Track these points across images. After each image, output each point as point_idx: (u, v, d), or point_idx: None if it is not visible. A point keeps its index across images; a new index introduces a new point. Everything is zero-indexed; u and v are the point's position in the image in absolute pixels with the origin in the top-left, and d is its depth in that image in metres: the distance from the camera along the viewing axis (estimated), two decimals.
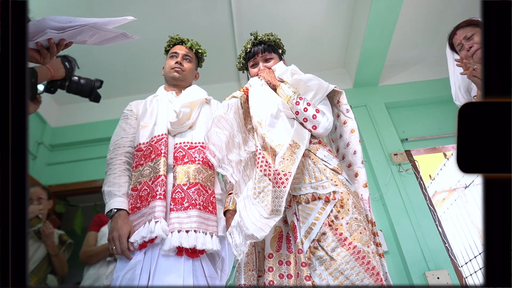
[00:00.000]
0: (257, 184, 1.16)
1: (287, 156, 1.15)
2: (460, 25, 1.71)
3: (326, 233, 1.10)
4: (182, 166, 1.37)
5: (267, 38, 1.55)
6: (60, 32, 1.01)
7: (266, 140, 1.22)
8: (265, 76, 1.45)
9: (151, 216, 1.24)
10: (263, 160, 1.20)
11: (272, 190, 1.10)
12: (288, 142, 1.19)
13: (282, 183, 1.08)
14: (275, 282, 1.02)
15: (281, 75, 1.43)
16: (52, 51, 1.06)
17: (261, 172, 1.17)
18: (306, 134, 1.28)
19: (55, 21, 0.99)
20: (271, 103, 1.33)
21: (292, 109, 1.32)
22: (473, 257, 2.79)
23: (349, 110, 1.44)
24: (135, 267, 1.18)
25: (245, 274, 1.10)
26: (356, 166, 1.34)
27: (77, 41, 1.10)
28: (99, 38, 1.12)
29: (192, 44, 1.72)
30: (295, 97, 1.33)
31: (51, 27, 0.98)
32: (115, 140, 1.51)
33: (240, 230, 1.10)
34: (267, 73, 1.47)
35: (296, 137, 1.22)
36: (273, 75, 1.45)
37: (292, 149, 1.18)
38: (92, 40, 1.11)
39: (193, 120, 1.52)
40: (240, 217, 1.13)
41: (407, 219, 2.46)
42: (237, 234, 1.11)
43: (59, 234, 2.29)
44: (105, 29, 1.08)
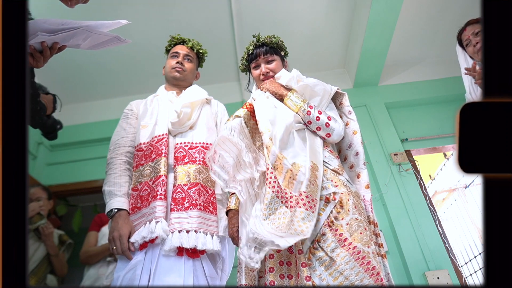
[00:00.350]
0: (268, 206, 1.09)
1: (312, 180, 1.14)
2: (470, 21, 1.72)
3: (326, 233, 1.10)
4: (183, 166, 1.37)
5: (269, 40, 1.55)
6: (51, 34, 0.98)
7: (284, 162, 1.16)
8: (269, 88, 1.40)
9: (152, 216, 1.24)
10: (275, 181, 1.14)
11: (291, 211, 1.06)
12: (308, 164, 1.17)
13: (311, 207, 1.08)
14: (276, 283, 1.02)
15: (288, 83, 1.39)
16: (45, 54, 1.04)
17: (273, 193, 1.11)
18: (319, 148, 1.27)
19: (47, 23, 0.97)
20: (282, 116, 1.27)
21: (304, 119, 1.30)
22: (473, 257, 2.79)
23: (352, 112, 1.45)
24: (136, 267, 1.18)
25: (246, 274, 1.10)
26: (358, 167, 1.34)
27: (70, 45, 1.08)
28: (93, 42, 1.10)
29: (193, 44, 1.72)
30: (305, 107, 1.30)
31: (43, 30, 0.96)
32: (115, 140, 1.51)
33: (256, 242, 1.07)
34: (270, 83, 1.41)
35: (313, 157, 1.21)
36: (277, 85, 1.40)
37: (313, 171, 1.17)
38: (85, 44, 1.09)
39: (194, 120, 1.52)
40: (253, 232, 1.04)
41: (407, 219, 2.46)
42: (249, 248, 1.06)
43: (59, 234, 2.29)
44: (98, 32, 1.06)
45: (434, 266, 2.27)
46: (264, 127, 1.23)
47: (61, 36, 1.01)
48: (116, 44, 1.14)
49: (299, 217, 1.05)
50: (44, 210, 2.20)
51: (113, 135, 1.54)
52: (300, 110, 1.30)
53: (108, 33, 1.09)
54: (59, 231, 2.32)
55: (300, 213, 1.05)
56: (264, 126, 1.24)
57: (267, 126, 1.23)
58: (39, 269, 2.08)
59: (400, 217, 2.48)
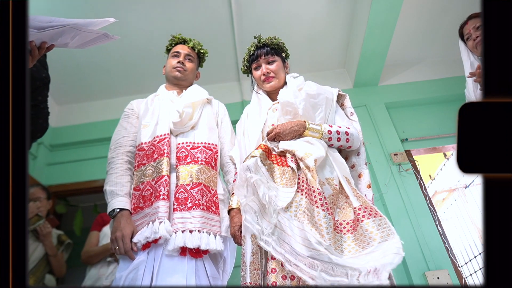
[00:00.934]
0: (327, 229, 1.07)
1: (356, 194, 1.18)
2: (472, 15, 1.72)
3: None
4: (185, 166, 1.37)
5: (270, 41, 1.56)
6: (40, 31, 0.97)
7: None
8: (286, 136, 1.31)
9: (155, 216, 1.24)
10: (323, 199, 1.13)
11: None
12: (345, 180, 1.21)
13: (372, 212, 1.10)
14: (278, 283, 1.02)
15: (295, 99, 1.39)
16: (34, 54, 1.03)
17: (318, 207, 1.10)
18: (342, 159, 1.32)
19: (36, 20, 0.96)
20: (319, 150, 1.25)
21: (327, 143, 1.32)
22: (473, 257, 2.79)
23: (353, 113, 1.46)
24: (138, 267, 1.18)
25: (250, 273, 1.10)
26: (360, 167, 1.36)
27: (58, 44, 1.07)
28: (81, 40, 1.08)
29: (194, 44, 1.72)
30: (324, 133, 1.31)
31: (31, 26, 0.95)
32: (116, 139, 1.50)
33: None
34: (282, 129, 1.32)
35: (345, 173, 1.25)
36: (289, 128, 1.32)
37: (350, 184, 1.22)
38: (73, 42, 1.07)
39: (196, 120, 1.52)
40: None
41: (407, 219, 2.46)
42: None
43: (58, 234, 2.29)
44: (86, 30, 1.05)
45: (434, 266, 2.27)
46: (303, 153, 1.22)
47: (49, 33, 0.99)
48: (104, 41, 1.12)
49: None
50: (43, 210, 2.20)
51: (114, 134, 1.54)
52: (323, 136, 1.31)
53: (96, 31, 1.08)
54: (58, 231, 2.32)
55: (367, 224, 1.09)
56: (303, 152, 1.22)
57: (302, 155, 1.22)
58: (37, 269, 2.08)
59: (400, 217, 2.48)
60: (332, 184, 1.17)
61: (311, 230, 1.01)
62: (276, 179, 1.21)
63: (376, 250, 0.99)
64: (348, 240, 1.07)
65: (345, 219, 1.11)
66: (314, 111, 1.38)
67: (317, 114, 1.38)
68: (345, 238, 1.07)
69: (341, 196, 1.17)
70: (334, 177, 1.20)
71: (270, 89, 1.54)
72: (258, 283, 1.08)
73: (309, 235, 1.00)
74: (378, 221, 1.07)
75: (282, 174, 1.22)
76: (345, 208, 1.14)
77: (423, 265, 2.28)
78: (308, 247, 0.99)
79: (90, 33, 1.07)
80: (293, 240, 1.03)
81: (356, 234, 1.07)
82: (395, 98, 3.12)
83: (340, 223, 1.11)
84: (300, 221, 1.05)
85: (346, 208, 1.14)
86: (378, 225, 1.06)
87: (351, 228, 1.09)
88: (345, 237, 1.08)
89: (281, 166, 1.25)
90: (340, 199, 1.16)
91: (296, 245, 1.01)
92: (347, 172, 1.27)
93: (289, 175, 1.20)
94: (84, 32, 1.05)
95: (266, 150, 1.28)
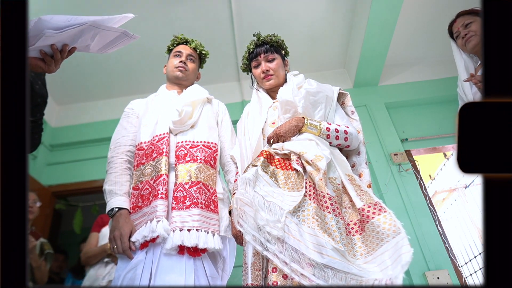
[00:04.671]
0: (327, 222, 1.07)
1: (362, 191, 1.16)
2: (461, 13, 1.71)
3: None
4: (184, 165, 1.37)
5: (270, 38, 1.56)
6: (59, 32, 0.94)
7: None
8: (288, 133, 1.31)
9: (153, 215, 1.24)
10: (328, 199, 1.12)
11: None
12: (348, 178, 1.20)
13: (380, 209, 1.09)
14: (279, 283, 1.02)
15: (294, 97, 1.38)
16: (56, 57, 1.02)
17: (329, 213, 1.09)
18: (343, 157, 1.32)
19: (53, 20, 0.92)
20: (326, 152, 1.23)
21: (326, 141, 1.31)
22: (473, 257, 2.79)
23: (354, 112, 1.46)
24: (137, 267, 1.17)
25: (252, 274, 1.09)
26: (361, 166, 1.36)
27: (79, 46, 1.04)
28: (102, 42, 1.06)
29: (196, 44, 1.73)
30: (323, 130, 1.31)
31: (49, 27, 0.92)
32: (116, 139, 1.50)
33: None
34: (281, 129, 1.33)
35: (346, 171, 1.23)
36: (288, 125, 1.32)
37: (353, 182, 1.20)
38: (94, 44, 1.05)
39: (195, 119, 1.52)
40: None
41: (407, 219, 2.46)
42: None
43: (41, 242, 2.27)
44: (105, 27, 1.02)
45: (434, 266, 2.27)
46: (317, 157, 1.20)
47: (69, 34, 0.96)
48: (125, 42, 1.09)
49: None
50: (30, 219, 2.19)
51: (114, 134, 1.54)
52: (321, 133, 1.31)
53: (116, 29, 1.05)
54: (42, 239, 2.30)
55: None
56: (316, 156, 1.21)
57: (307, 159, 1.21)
58: None
59: (400, 217, 2.43)
60: (335, 184, 1.17)
61: (324, 236, 1.00)
62: (281, 184, 1.19)
63: (388, 249, 0.98)
64: (358, 242, 1.06)
65: (352, 219, 1.11)
66: (313, 109, 1.37)
67: (317, 112, 1.38)
68: (355, 240, 1.07)
69: (344, 196, 1.17)
70: (337, 177, 1.19)
71: (270, 87, 1.54)
72: (260, 284, 1.08)
73: (323, 241, 0.98)
74: (388, 215, 1.06)
75: (287, 178, 1.20)
76: (350, 207, 1.14)
77: (423, 265, 2.28)
78: (321, 254, 0.97)
79: (110, 32, 1.04)
80: (303, 246, 0.99)
81: (364, 234, 1.06)
82: (395, 98, 3.12)
83: (348, 223, 1.10)
84: (311, 227, 1.03)
85: (351, 207, 1.14)
86: (390, 219, 1.06)
87: (359, 228, 1.08)
88: (355, 238, 1.07)
89: (285, 170, 1.23)
90: (344, 199, 1.16)
91: (308, 251, 0.97)
92: (348, 169, 1.26)
93: (295, 179, 1.19)
94: (103, 31, 1.02)
95: (268, 157, 1.26)
